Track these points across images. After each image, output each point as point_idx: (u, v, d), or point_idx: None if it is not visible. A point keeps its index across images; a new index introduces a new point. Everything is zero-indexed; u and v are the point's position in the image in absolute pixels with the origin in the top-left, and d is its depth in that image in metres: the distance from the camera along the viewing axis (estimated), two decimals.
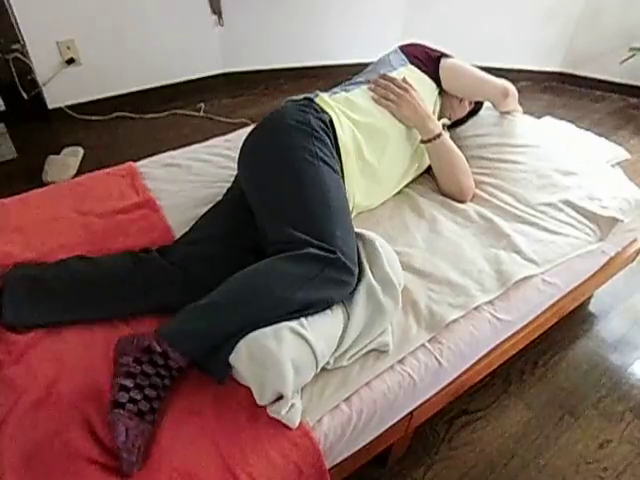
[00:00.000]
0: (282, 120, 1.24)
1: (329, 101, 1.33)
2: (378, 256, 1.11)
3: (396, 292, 1.09)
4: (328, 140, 1.24)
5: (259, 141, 1.27)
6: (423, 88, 1.45)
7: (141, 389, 0.89)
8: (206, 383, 0.98)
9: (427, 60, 1.49)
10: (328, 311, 1.03)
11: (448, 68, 1.49)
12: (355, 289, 1.07)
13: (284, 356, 0.90)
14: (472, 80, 1.54)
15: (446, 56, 1.51)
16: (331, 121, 1.28)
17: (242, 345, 0.93)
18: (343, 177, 1.28)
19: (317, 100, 1.33)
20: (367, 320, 1.05)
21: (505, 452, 1.39)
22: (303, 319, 0.98)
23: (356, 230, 1.17)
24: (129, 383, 0.89)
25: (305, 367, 0.94)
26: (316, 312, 1.00)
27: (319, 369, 0.98)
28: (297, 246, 1.02)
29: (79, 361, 1.01)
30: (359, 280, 1.08)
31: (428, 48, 1.53)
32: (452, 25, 3.28)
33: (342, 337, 1.02)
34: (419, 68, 1.48)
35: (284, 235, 1.06)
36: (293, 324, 0.96)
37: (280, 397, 0.92)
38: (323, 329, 0.99)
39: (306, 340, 0.94)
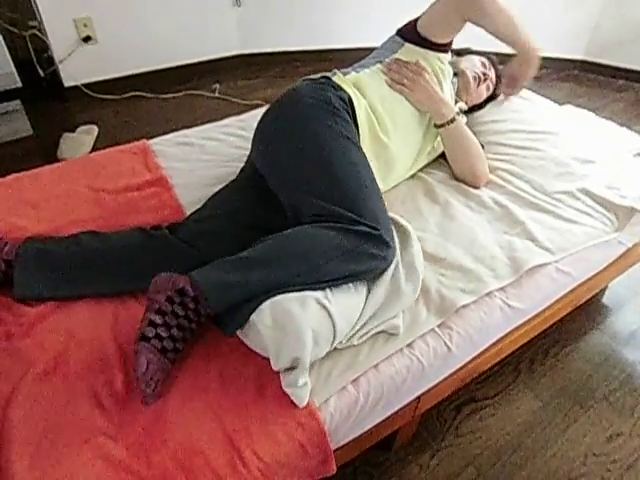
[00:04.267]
0: (301, 99, 1.22)
1: (346, 79, 1.31)
2: (410, 243, 1.13)
3: (418, 280, 1.10)
4: (349, 117, 1.22)
5: (278, 121, 1.24)
6: (432, 66, 1.40)
7: (168, 328, 0.92)
8: (213, 359, 0.99)
9: (413, 31, 1.37)
10: (352, 289, 1.03)
11: (419, 25, 1.35)
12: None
13: (306, 323, 0.90)
14: (432, 10, 1.32)
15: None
16: (350, 99, 1.26)
17: (267, 306, 0.93)
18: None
19: (335, 78, 1.30)
20: (384, 301, 1.05)
21: (512, 441, 1.39)
22: (329, 292, 0.98)
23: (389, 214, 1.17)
24: (158, 319, 0.92)
25: (323, 340, 0.94)
26: (345, 283, 1.01)
27: (335, 344, 0.98)
28: (339, 219, 1.03)
29: (88, 334, 1.01)
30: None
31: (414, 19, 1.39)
32: None
33: (360, 314, 1.03)
34: (417, 44, 1.38)
35: (325, 210, 1.06)
36: (319, 295, 0.96)
37: (293, 368, 0.91)
38: (345, 306, 0.99)
39: (329, 313, 0.94)
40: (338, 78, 1.31)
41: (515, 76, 1.29)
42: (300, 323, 0.90)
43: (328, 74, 1.33)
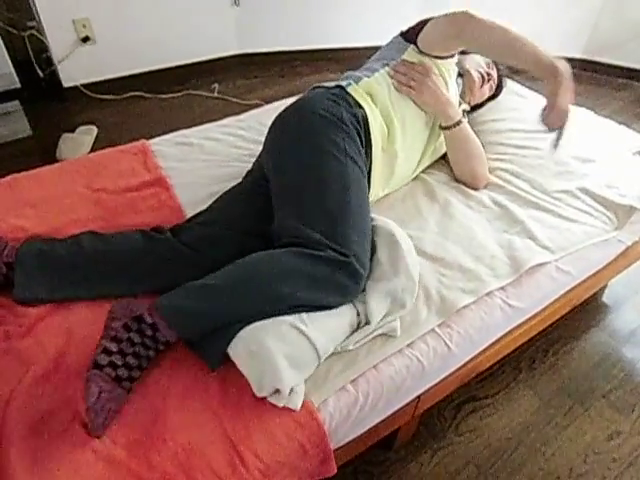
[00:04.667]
0: (313, 109, 1.19)
1: (362, 92, 1.27)
2: (398, 251, 1.09)
3: (414, 287, 1.08)
4: (358, 138, 1.19)
5: (287, 129, 1.23)
6: (438, 67, 1.39)
7: (123, 355, 0.90)
8: None
9: (413, 35, 1.34)
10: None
11: (421, 37, 1.32)
12: (373, 288, 1.05)
13: (280, 353, 0.90)
14: (432, 28, 1.29)
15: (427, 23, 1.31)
16: (364, 117, 1.23)
17: (240, 337, 0.93)
18: (370, 170, 1.25)
19: (350, 90, 1.27)
20: (384, 315, 1.05)
21: (512, 440, 1.39)
22: (304, 314, 0.97)
23: (375, 220, 1.16)
24: (113, 347, 0.90)
25: (305, 362, 0.94)
26: (314, 311, 0.98)
27: (321, 361, 0.97)
28: (310, 245, 1.00)
29: (87, 335, 1.01)
30: (377, 276, 1.06)
31: (420, 23, 1.34)
32: (471, 8, 3.21)
33: (359, 331, 1.02)
34: (420, 53, 1.36)
35: (298, 231, 1.03)
36: (293, 319, 0.95)
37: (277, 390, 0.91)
38: (325, 324, 0.98)
39: (306, 336, 0.93)
40: (353, 89, 1.27)
41: (551, 104, 1.16)
42: (274, 354, 0.89)
43: (342, 83, 1.29)
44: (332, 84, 1.30)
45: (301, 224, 1.04)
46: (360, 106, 1.25)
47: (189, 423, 0.89)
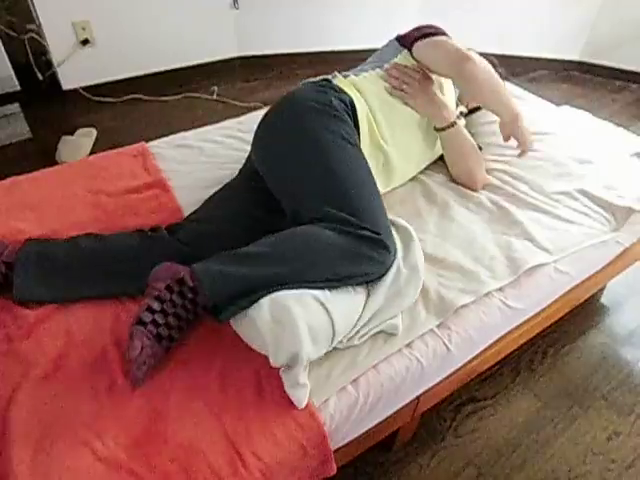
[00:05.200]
0: (302, 101, 1.22)
1: (347, 82, 1.31)
2: (412, 244, 1.13)
3: (419, 282, 1.10)
4: (350, 120, 1.23)
5: (279, 124, 1.24)
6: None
7: (165, 315, 0.93)
8: (212, 359, 0.99)
9: (408, 42, 1.37)
10: (352, 290, 1.03)
11: (416, 47, 1.35)
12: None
13: (303, 320, 0.91)
14: (432, 49, 1.32)
15: (425, 36, 1.33)
16: (351, 102, 1.26)
17: (265, 301, 0.94)
18: None
19: (335, 81, 1.31)
20: (385, 302, 1.05)
21: (512, 441, 1.39)
22: (327, 292, 0.99)
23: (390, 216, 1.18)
24: (156, 306, 0.93)
25: (322, 337, 0.94)
26: (346, 285, 1.02)
27: (333, 344, 0.98)
28: (343, 224, 1.03)
29: (88, 336, 1.02)
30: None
31: (416, 30, 1.37)
32: (468, 11, 3.22)
33: (360, 315, 1.03)
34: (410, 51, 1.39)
35: (325, 214, 1.06)
36: (318, 294, 0.97)
37: (291, 367, 0.92)
38: (344, 307, 0.99)
39: (328, 311, 0.95)
40: (339, 80, 1.31)
41: (505, 138, 1.35)
42: (297, 319, 0.90)
43: (328, 77, 1.33)
44: (318, 78, 1.33)
45: (326, 208, 1.07)
46: (345, 93, 1.27)
47: (189, 423, 0.89)
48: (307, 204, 1.11)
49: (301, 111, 1.21)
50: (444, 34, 1.35)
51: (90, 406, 0.91)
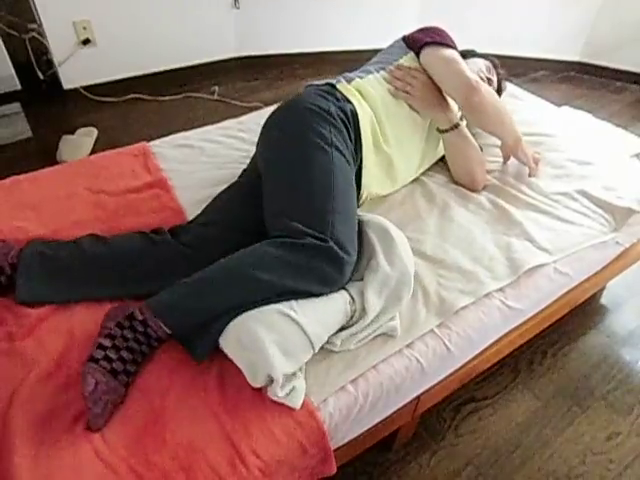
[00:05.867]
0: (302, 104, 1.22)
1: (351, 88, 1.30)
2: (393, 244, 1.10)
3: (409, 281, 1.09)
4: (346, 131, 1.22)
5: (276, 123, 1.26)
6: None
7: (117, 350, 0.93)
8: (211, 359, 0.99)
9: (415, 45, 1.38)
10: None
11: (424, 55, 1.36)
12: (369, 278, 1.06)
13: (269, 340, 0.91)
14: (442, 67, 1.33)
15: (435, 44, 1.34)
16: (353, 111, 1.25)
17: (231, 328, 0.94)
18: (361, 168, 1.27)
19: (339, 87, 1.30)
20: (382, 308, 1.05)
21: (511, 441, 1.39)
22: (293, 302, 0.98)
23: (368, 217, 1.17)
24: (107, 343, 0.93)
25: (296, 348, 0.94)
26: (306, 296, 1.00)
27: (317, 350, 0.98)
28: (291, 234, 1.02)
29: (89, 335, 1.01)
30: (373, 267, 1.07)
31: (424, 33, 1.38)
32: (469, 12, 3.22)
33: (355, 323, 1.03)
34: (417, 55, 1.39)
35: (281, 223, 1.06)
36: (282, 307, 0.96)
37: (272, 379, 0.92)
38: (316, 311, 0.98)
39: (296, 322, 0.94)
40: (342, 86, 1.30)
41: (505, 159, 1.49)
42: (264, 341, 0.90)
43: (332, 81, 1.32)
44: (322, 82, 1.33)
45: (283, 216, 1.07)
46: (348, 101, 1.27)
47: (189, 422, 0.89)
48: (273, 209, 1.12)
49: (296, 113, 1.21)
50: (451, 43, 1.36)
51: None
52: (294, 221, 1.04)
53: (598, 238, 1.34)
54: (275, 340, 0.91)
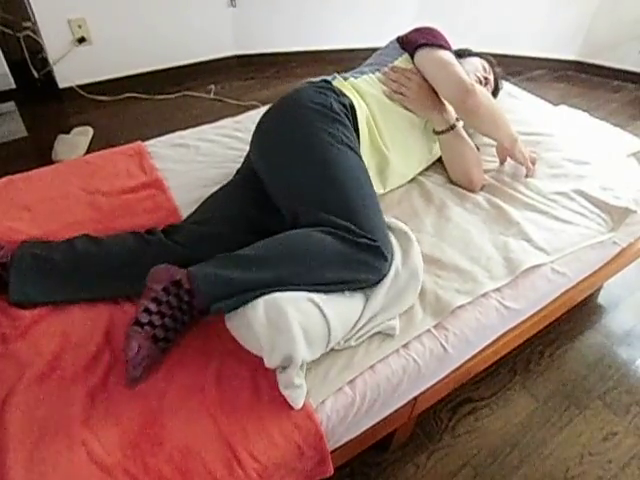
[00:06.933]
0: (302, 103, 1.21)
1: (347, 84, 1.30)
2: (412, 249, 1.13)
3: (418, 286, 1.10)
4: (350, 124, 1.22)
5: (278, 124, 1.24)
6: None
7: (162, 316, 0.94)
8: (208, 360, 0.99)
9: (410, 47, 1.37)
10: (347, 294, 1.03)
11: (418, 56, 1.36)
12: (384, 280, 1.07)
13: (298, 322, 0.91)
14: (436, 70, 1.32)
15: (429, 45, 1.34)
16: (351, 105, 1.25)
17: (260, 302, 0.94)
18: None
19: (335, 83, 1.30)
20: (384, 305, 1.05)
21: (508, 441, 1.39)
22: (323, 294, 0.99)
23: (387, 219, 1.18)
24: (153, 307, 0.94)
25: (317, 339, 0.94)
26: (342, 290, 1.02)
27: (329, 347, 0.98)
28: (340, 230, 1.03)
29: (83, 337, 1.01)
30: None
31: (418, 34, 1.37)
32: (466, 10, 3.22)
33: (358, 317, 1.03)
34: (411, 57, 1.39)
35: (324, 220, 1.06)
36: (314, 296, 0.97)
37: (286, 367, 0.91)
38: (340, 310, 0.99)
39: (323, 314, 0.95)
40: (338, 82, 1.30)
41: (501, 160, 1.50)
42: (292, 322, 0.91)
43: (328, 78, 1.32)
44: (317, 79, 1.32)
45: (325, 212, 1.07)
46: (345, 95, 1.27)
47: (185, 425, 0.89)
48: (306, 209, 1.11)
49: (301, 113, 1.20)
50: (445, 44, 1.35)
51: (85, 407, 0.90)
52: (340, 219, 1.05)
53: (595, 238, 1.34)
54: (301, 323, 0.92)
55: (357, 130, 1.26)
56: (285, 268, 0.98)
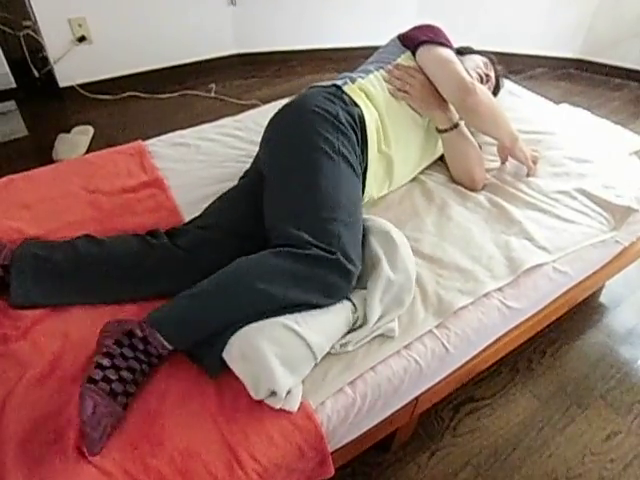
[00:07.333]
0: (309, 107, 1.19)
1: (357, 89, 1.28)
2: (396, 249, 1.10)
3: (411, 285, 1.09)
4: (354, 136, 1.20)
5: (282, 126, 1.23)
6: None
7: (117, 370, 0.89)
8: None
9: (411, 44, 1.37)
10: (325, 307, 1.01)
11: (419, 54, 1.36)
12: (372, 286, 1.05)
13: (272, 356, 0.90)
14: (437, 68, 1.32)
15: (430, 43, 1.34)
16: (360, 116, 1.23)
17: (234, 342, 0.93)
18: (366, 170, 1.26)
19: (346, 89, 1.28)
20: (382, 313, 1.04)
21: (510, 441, 1.39)
22: (297, 314, 0.96)
23: (369, 222, 1.16)
24: (106, 362, 0.89)
25: (300, 362, 0.93)
26: (310, 308, 0.98)
27: (319, 359, 0.97)
28: (297, 244, 0.99)
29: (84, 337, 1.00)
30: (376, 274, 1.06)
31: (419, 31, 1.37)
32: (466, 9, 3.21)
33: (357, 329, 1.03)
34: (413, 54, 1.39)
35: (285, 232, 1.03)
36: (286, 320, 0.94)
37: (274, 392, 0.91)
38: (320, 323, 0.97)
39: (300, 336, 0.93)
40: (349, 88, 1.28)
41: (502, 159, 1.49)
42: (267, 356, 0.89)
43: (338, 82, 1.30)
44: (328, 83, 1.31)
45: (288, 224, 1.04)
46: (356, 104, 1.25)
47: (186, 426, 0.88)
48: (277, 217, 1.09)
49: (305, 117, 1.18)
50: (446, 41, 1.35)
51: None
52: (300, 230, 1.01)
53: (597, 237, 1.33)
54: (278, 354, 0.90)
55: (366, 140, 1.24)
56: (239, 300, 0.95)
